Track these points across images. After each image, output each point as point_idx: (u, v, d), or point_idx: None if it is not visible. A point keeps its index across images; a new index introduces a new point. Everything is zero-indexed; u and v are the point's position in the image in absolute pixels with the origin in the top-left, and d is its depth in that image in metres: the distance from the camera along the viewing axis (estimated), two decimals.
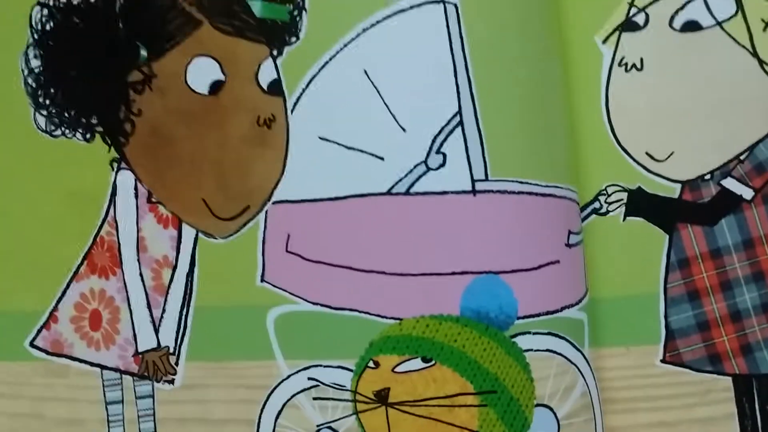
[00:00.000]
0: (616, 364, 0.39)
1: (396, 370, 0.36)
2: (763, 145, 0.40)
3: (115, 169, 0.39)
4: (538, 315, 0.37)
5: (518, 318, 0.36)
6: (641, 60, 0.40)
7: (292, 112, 0.38)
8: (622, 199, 0.39)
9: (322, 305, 0.37)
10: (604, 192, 0.39)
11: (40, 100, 0.39)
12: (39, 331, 0.40)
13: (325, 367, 0.37)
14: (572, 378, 0.37)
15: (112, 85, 0.38)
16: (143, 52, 0.38)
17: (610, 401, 0.39)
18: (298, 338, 0.37)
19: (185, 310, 0.39)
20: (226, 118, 0.38)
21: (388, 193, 0.37)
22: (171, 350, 0.39)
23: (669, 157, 0.40)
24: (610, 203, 0.40)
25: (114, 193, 0.40)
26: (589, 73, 0.40)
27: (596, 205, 0.39)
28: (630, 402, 0.39)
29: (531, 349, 0.36)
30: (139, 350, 0.39)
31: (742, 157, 0.40)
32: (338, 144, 0.37)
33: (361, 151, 0.37)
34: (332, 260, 0.37)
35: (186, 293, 0.39)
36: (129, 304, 0.40)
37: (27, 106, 0.39)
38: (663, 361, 0.39)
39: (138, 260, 0.39)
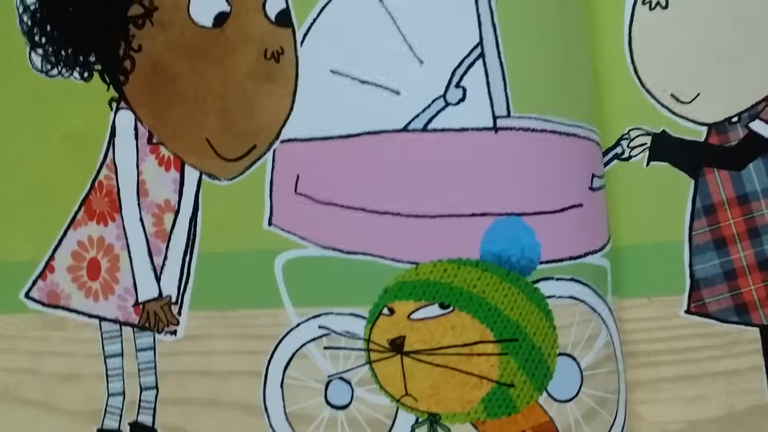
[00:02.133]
0: (638, 315, 0.37)
1: (412, 317, 0.35)
2: None
3: (114, 109, 0.38)
4: (561, 260, 0.35)
5: (540, 263, 0.35)
6: None
7: (301, 44, 0.36)
8: (645, 143, 0.38)
9: (333, 249, 0.35)
10: (627, 136, 0.38)
11: (36, 38, 0.37)
12: (34, 282, 0.39)
13: (336, 314, 0.35)
14: (595, 327, 0.36)
15: (110, 19, 0.36)
16: None
17: (632, 354, 0.37)
18: (308, 285, 0.36)
19: (188, 257, 0.38)
20: (232, 51, 0.36)
21: (404, 129, 0.35)
22: (173, 299, 0.38)
23: (695, 98, 0.38)
24: (633, 147, 0.38)
25: (113, 135, 0.38)
26: (612, 11, 0.38)
27: (618, 149, 0.38)
28: (653, 355, 0.37)
29: (553, 296, 0.35)
30: (140, 300, 0.38)
31: None
32: (351, 78, 0.35)
33: (376, 84, 0.35)
34: (344, 202, 0.35)
35: (189, 239, 0.38)
36: (129, 252, 0.38)
37: (22, 45, 0.38)
38: (687, 311, 0.38)
39: (138, 205, 0.38)
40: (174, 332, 0.38)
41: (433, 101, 0.35)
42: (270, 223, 0.36)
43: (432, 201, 0.34)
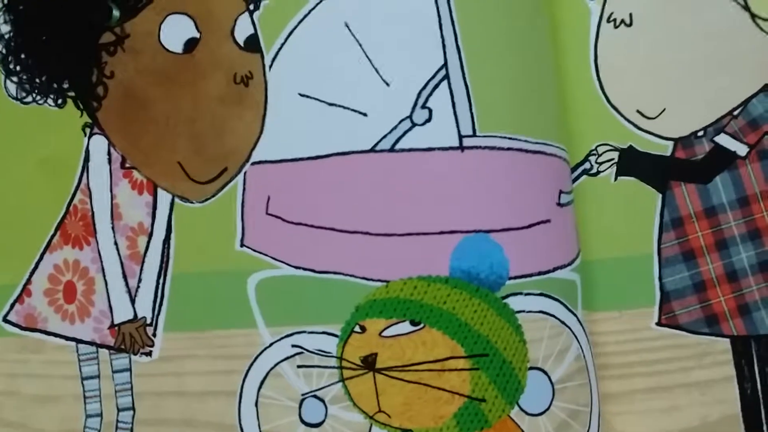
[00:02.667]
0: (609, 328, 0.37)
1: (383, 334, 0.35)
2: (756, 101, 0.38)
3: (88, 135, 0.38)
4: (530, 275, 0.35)
5: (510, 278, 0.35)
6: (630, 15, 0.38)
7: (270, 68, 0.36)
8: (613, 159, 0.38)
9: (304, 269, 0.36)
10: (595, 152, 0.38)
11: (11, 66, 0.38)
12: (12, 306, 0.39)
13: (309, 333, 0.36)
14: (566, 340, 0.36)
15: (83, 47, 0.37)
16: (115, 13, 0.37)
17: (605, 367, 0.37)
18: (281, 304, 0.36)
19: (162, 278, 0.38)
20: (202, 76, 0.37)
21: (372, 150, 0.35)
22: (148, 321, 0.38)
23: (660, 114, 0.38)
24: (600, 163, 0.38)
25: (87, 160, 0.38)
26: (577, 30, 0.38)
27: (587, 165, 0.38)
28: (625, 367, 0.37)
29: (523, 311, 0.35)
30: (115, 322, 0.38)
31: (735, 113, 0.38)
32: (319, 100, 0.36)
33: (343, 107, 0.36)
34: (315, 222, 0.35)
35: (162, 261, 0.38)
36: (104, 275, 0.38)
37: None
38: (658, 324, 0.38)
39: (113, 228, 0.38)
40: (149, 353, 0.38)
41: (399, 122, 0.35)
42: (242, 244, 0.36)
43: (401, 220, 0.35)
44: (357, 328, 0.35)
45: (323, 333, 0.35)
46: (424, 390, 0.34)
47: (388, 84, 0.35)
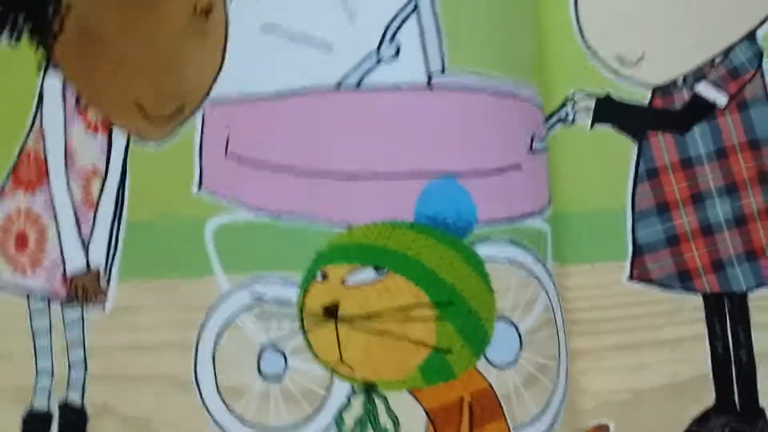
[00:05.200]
0: (579, 282, 0.36)
1: (346, 282, 0.33)
2: (738, 49, 0.37)
3: (42, 74, 0.37)
4: (498, 222, 0.34)
5: (477, 224, 0.34)
6: None
7: (231, 0, 0.35)
8: (589, 106, 0.36)
9: (264, 210, 0.34)
10: (571, 98, 0.36)
11: None
12: None
13: (268, 281, 0.34)
14: (534, 291, 0.35)
15: None
16: None
17: (574, 322, 0.36)
18: (239, 251, 0.35)
19: (116, 225, 0.37)
20: (160, 6, 0.35)
21: (337, 87, 0.34)
22: (101, 271, 0.37)
23: (640, 59, 0.37)
24: (577, 111, 0.36)
25: (41, 101, 0.37)
26: None
27: (562, 113, 0.37)
28: (594, 323, 0.36)
29: (491, 259, 0.34)
30: (68, 272, 0.37)
31: (716, 62, 0.37)
32: (282, 33, 0.34)
33: (307, 41, 0.34)
34: (276, 163, 0.34)
35: (117, 207, 0.37)
36: (56, 221, 0.37)
37: None
38: (630, 278, 0.36)
39: (66, 172, 0.37)
40: (102, 305, 0.36)
41: (365, 57, 0.34)
42: (200, 188, 0.35)
43: (365, 161, 0.34)
44: (318, 276, 0.34)
45: (283, 281, 0.34)
46: (388, 340, 0.33)
47: (353, 16, 0.34)
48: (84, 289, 0.37)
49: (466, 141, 0.33)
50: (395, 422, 0.34)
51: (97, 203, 0.37)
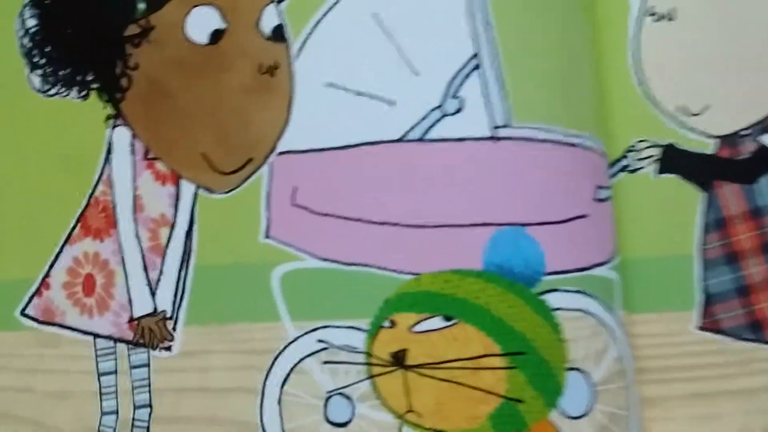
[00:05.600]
0: (648, 330, 0.36)
1: (414, 329, 0.33)
2: None
3: (111, 126, 0.37)
4: (567, 272, 0.34)
5: (546, 274, 0.33)
6: (673, 9, 0.36)
7: (297, 58, 0.36)
8: (653, 155, 0.36)
9: (331, 261, 0.34)
10: (634, 148, 0.36)
11: (35, 59, 0.38)
12: (30, 299, 0.38)
13: (335, 327, 0.34)
14: (605, 341, 0.34)
15: (108, 40, 0.37)
16: (141, 5, 0.37)
17: (643, 371, 0.36)
18: (306, 298, 0.35)
19: (184, 271, 0.37)
20: (227, 67, 0.36)
21: (401, 140, 0.34)
22: (168, 315, 0.37)
23: (705, 110, 0.37)
24: (640, 159, 0.36)
25: (109, 152, 0.38)
26: (616, 23, 0.36)
27: (625, 161, 0.36)
28: (663, 371, 0.35)
29: (560, 308, 0.33)
30: (135, 315, 0.37)
31: None
32: (347, 89, 0.35)
33: (371, 96, 0.34)
34: (342, 213, 0.34)
35: (185, 253, 0.37)
36: (124, 267, 0.37)
37: (22, 67, 0.38)
38: (700, 328, 0.36)
39: (134, 220, 0.37)
40: (169, 348, 0.37)
41: (429, 111, 0.34)
42: (267, 236, 0.35)
43: (432, 211, 0.33)
44: (386, 323, 0.34)
45: (350, 328, 0.34)
46: (457, 389, 0.33)
47: (417, 74, 0.34)
48: (151, 332, 0.37)
49: (532, 191, 0.33)
50: None
51: (165, 250, 0.37)
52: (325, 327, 0.34)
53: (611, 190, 0.36)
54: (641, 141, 0.37)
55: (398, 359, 0.33)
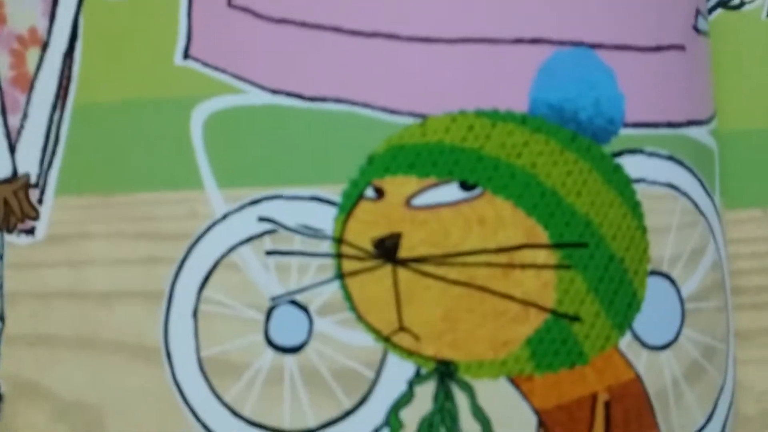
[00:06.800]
0: (746, 234, 0.31)
1: (413, 203, 0.26)
2: None
3: None
4: (656, 125, 0.27)
5: (624, 125, 0.26)
6: None
7: None
8: None
9: (285, 94, 0.27)
10: None
11: None
12: None
13: (287, 198, 0.27)
14: (702, 236, 0.27)
15: None
16: None
17: (737, 291, 0.30)
18: (244, 152, 0.27)
19: (58, 113, 0.31)
20: None
21: None
22: (32, 181, 0.31)
23: None
24: None
25: None
26: None
27: None
28: (764, 293, 0.31)
29: (643, 180, 0.26)
30: None
31: None
32: None
33: None
34: (306, 18, 0.26)
35: (60, 86, 0.30)
36: None
37: None
38: None
39: None
40: (31, 231, 0.31)
41: None
42: (186, 55, 0.28)
43: (450, 16, 0.26)
44: (370, 192, 0.26)
45: (311, 198, 0.26)
46: (478, 297, 0.25)
47: None
48: (6, 205, 0.31)
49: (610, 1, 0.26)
50: (485, 426, 0.26)
51: (33, 81, 0.31)
52: (271, 198, 0.27)
53: (708, 24, 0.31)
54: None
55: (386, 249, 0.26)
